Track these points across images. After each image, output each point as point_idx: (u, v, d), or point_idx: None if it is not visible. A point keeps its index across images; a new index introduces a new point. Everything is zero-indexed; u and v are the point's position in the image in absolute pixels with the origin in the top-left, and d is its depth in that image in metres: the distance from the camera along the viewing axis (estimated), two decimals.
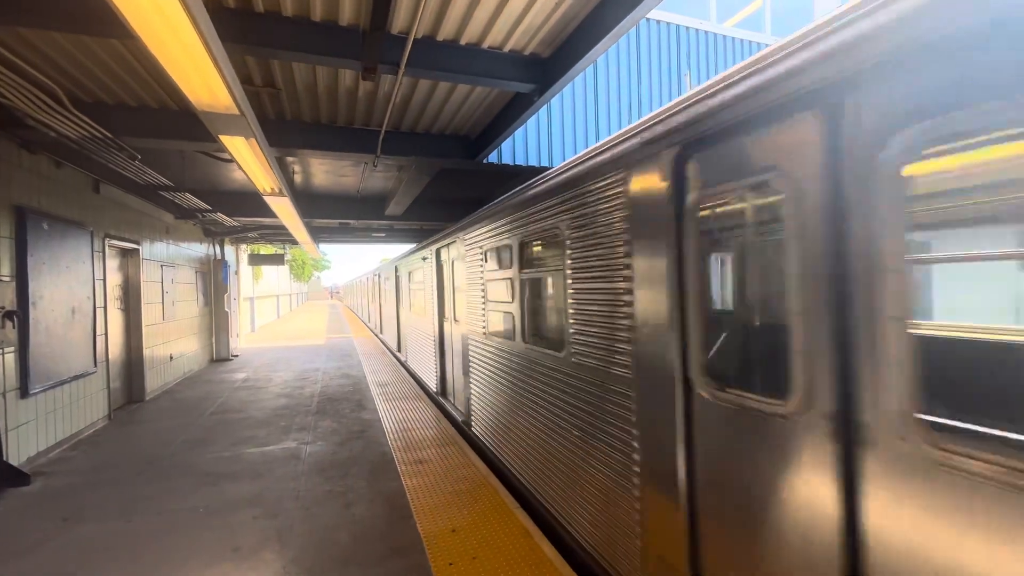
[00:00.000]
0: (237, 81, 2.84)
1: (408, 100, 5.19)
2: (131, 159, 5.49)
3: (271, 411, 6.98)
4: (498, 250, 4.40)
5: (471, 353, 5.36)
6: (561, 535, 3.35)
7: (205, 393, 8.35)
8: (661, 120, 2.21)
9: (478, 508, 3.83)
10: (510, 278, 4.10)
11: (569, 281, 3.02)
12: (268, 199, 5.94)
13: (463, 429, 5.93)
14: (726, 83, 1.89)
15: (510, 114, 5.17)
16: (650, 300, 2.29)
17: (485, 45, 4.13)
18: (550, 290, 3.74)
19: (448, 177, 8.58)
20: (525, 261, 3.89)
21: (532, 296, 3.92)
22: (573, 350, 3.03)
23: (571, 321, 3.01)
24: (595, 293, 2.76)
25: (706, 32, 7.81)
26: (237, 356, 12.63)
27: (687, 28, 7.68)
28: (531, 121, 6.78)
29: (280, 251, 19.70)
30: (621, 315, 2.51)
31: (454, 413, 6.47)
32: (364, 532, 3.50)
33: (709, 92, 1.97)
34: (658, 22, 7.47)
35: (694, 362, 2.04)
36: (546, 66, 4.36)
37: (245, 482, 4.44)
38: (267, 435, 5.83)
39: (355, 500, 4.01)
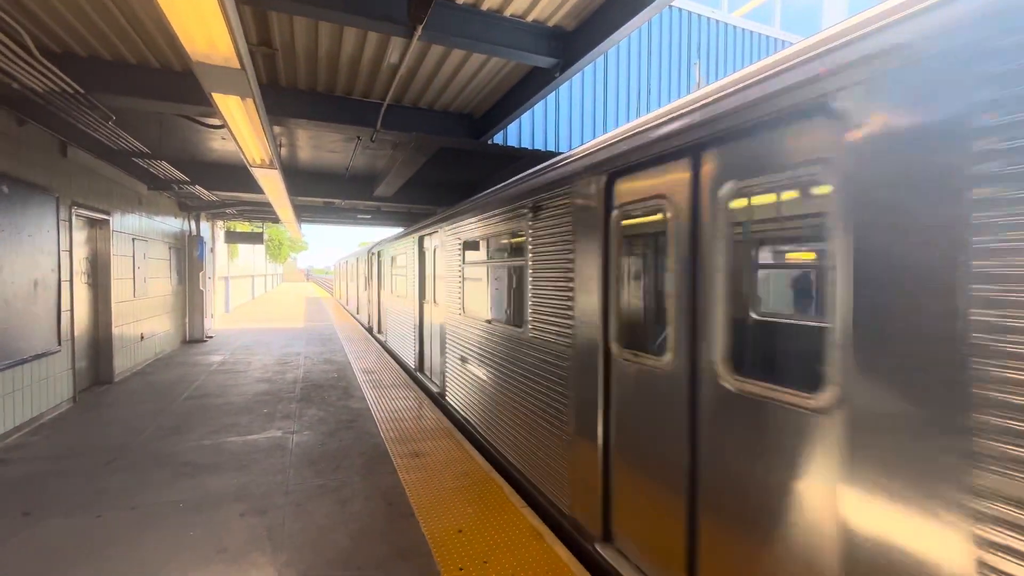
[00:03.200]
0: (240, 29, 2.50)
1: (415, 71, 4.85)
2: (104, 120, 5.01)
3: (252, 397, 6.61)
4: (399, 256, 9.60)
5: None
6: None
7: (179, 376, 7.89)
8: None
9: (483, 506, 3.62)
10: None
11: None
12: (257, 171, 5.53)
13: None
14: (639, 129, 2.53)
15: (523, 92, 4.89)
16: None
17: (507, 13, 3.84)
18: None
19: (441, 159, 8.23)
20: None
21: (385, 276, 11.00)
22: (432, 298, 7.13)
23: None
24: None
25: (717, 21, 7.62)
26: (212, 337, 12.08)
27: (699, 16, 7.47)
28: (538, 105, 6.50)
29: (258, 229, 18.95)
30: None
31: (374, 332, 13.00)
32: (363, 531, 3.25)
33: (626, 134, 2.63)
34: (670, 7, 7.24)
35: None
36: (569, 40, 4.09)
37: (228, 474, 4.12)
38: (249, 423, 5.49)
39: (350, 496, 3.75)
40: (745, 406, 1.93)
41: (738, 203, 2.03)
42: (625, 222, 2.72)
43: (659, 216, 2.50)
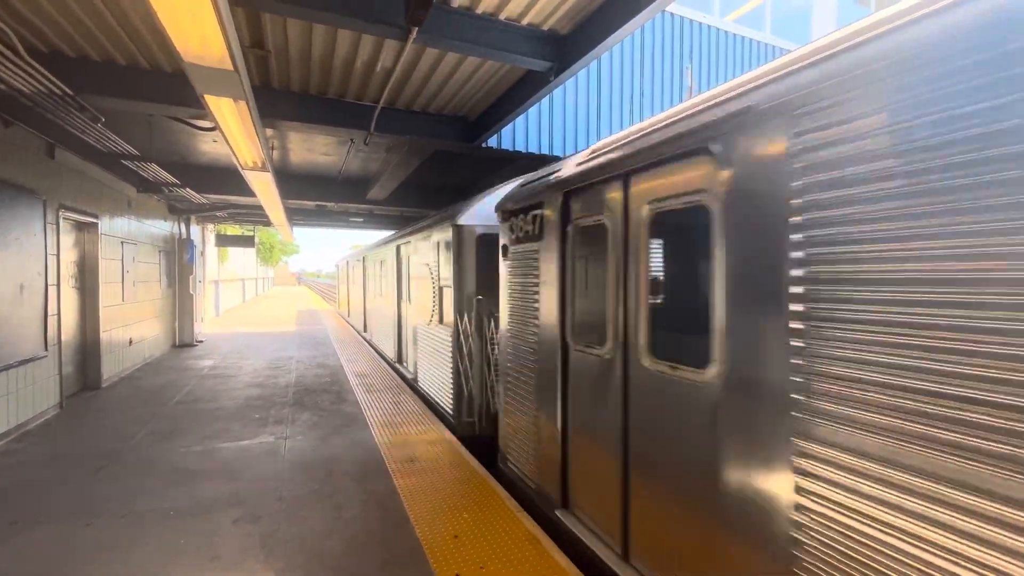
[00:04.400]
0: (234, 29, 2.48)
1: (409, 74, 4.83)
2: (93, 121, 4.95)
3: (244, 402, 6.53)
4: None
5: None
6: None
7: (169, 381, 7.78)
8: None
9: (479, 511, 3.60)
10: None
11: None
12: (249, 174, 5.48)
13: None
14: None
15: (519, 95, 4.89)
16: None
17: (502, 16, 3.83)
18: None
19: (435, 162, 8.23)
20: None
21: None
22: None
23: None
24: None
25: (709, 26, 7.69)
26: (202, 342, 11.93)
27: (691, 21, 7.54)
28: (532, 108, 6.50)
29: (249, 232, 18.79)
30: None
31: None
32: (358, 538, 3.22)
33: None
34: (662, 11, 7.29)
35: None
36: (564, 44, 4.10)
37: (220, 481, 4.06)
38: (241, 428, 5.42)
39: (345, 502, 3.71)
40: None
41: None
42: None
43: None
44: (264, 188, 6.46)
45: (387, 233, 13.48)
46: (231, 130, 4.01)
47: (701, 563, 2.11)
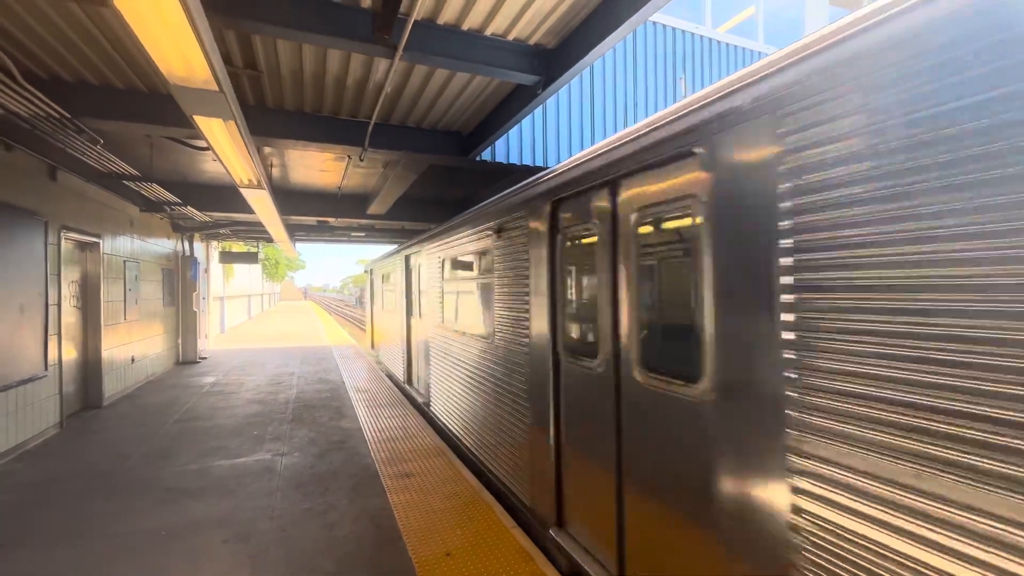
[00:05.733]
0: (217, 52, 2.52)
1: (400, 90, 4.89)
2: (92, 143, 5.03)
3: (242, 419, 6.52)
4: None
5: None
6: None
7: (170, 399, 7.80)
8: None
9: (472, 528, 3.55)
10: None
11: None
12: (245, 192, 5.53)
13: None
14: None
15: (509, 109, 4.93)
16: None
17: (488, 32, 3.87)
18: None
19: (433, 176, 8.28)
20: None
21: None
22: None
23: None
24: None
25: (701, 37, 7.74)
26: (205, 359, 11.98)
27: (683, 32, 7.59)
28: (525, 120, 6.55)
29: (253, 249, 18.95)
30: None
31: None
32: (349, 557, 3.17)
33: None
34: (654, 24, 7.36)
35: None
36: (551, 58, 4.13)
37: (213, 500, 4.04)
38: (238, 446, 5.40)
39: (337, 520, 3.68)
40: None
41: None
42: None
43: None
44: (261, 205, 6.52)
45: (387, 247, 13.54)
46: (223, 149, 4.06)
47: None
